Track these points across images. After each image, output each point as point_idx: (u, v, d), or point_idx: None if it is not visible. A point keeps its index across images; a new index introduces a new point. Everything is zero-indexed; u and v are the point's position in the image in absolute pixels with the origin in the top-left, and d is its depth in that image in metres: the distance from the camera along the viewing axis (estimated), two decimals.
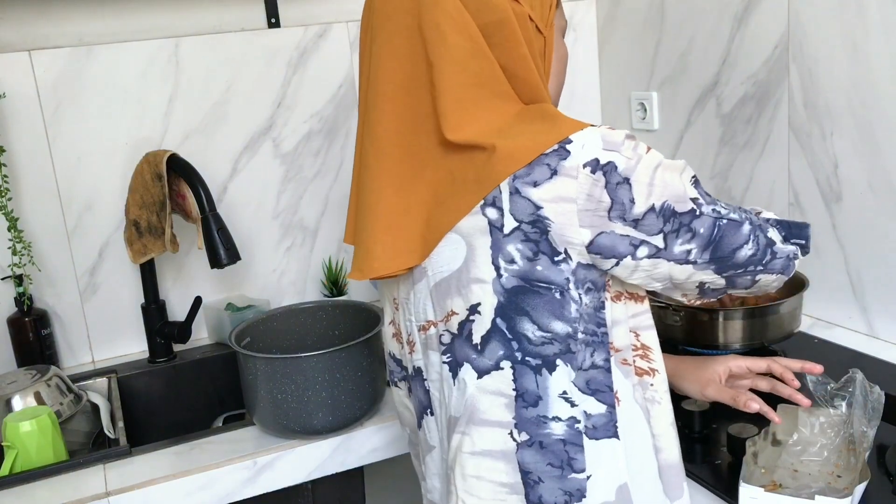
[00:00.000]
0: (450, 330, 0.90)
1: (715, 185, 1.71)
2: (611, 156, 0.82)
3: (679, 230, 0.86)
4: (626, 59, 1.93)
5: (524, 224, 0.83)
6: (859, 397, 1.05)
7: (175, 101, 1.67)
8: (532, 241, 0.84)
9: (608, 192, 0.82)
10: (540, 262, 0.84)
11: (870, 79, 1.33)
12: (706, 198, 0.89)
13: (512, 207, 0.83)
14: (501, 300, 0.86)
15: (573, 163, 0.81)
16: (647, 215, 0.84)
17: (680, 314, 1.28)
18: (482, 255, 0.86)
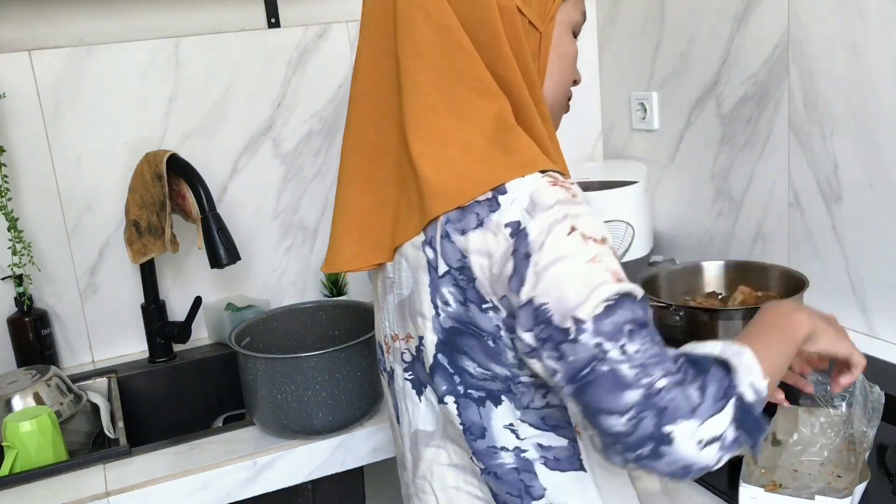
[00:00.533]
0: (410, 350, 0.90)
1: (715, 186, 1.71)
2: (528, 221, 0.76)
3: (546, 341, 0.76)
4: (626, 59, 1.93)
5: (453, 269, 0.81)
6: (859, 397, 1.05)
7: (175, 101, 1.67)
8: (461, 288, 0.81)
9: (514, 260, 0.76)
10: (470, 309, 0.82)
11: (870, 79, 1.33)
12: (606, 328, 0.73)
13: (443, 251, 0.81)
14: (441, 338, 0.84)
15: (498, 219, 0.78)
16: (524, 308, 0.76)
17: (680, 314, 1.28)
18: (424, 291, 0.84)
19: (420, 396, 0.92)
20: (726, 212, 1.69)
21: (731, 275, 1.46)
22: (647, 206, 1.82)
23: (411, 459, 0.96)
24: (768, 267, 1.42)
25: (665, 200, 1.88)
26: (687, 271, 1.49)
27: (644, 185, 1.80)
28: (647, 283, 1.40)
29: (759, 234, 1.62)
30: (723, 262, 1.48)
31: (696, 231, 1.79)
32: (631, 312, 0.75)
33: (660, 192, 1.89)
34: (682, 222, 1.84)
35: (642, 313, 0.76)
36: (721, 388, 0.75)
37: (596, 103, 2.06)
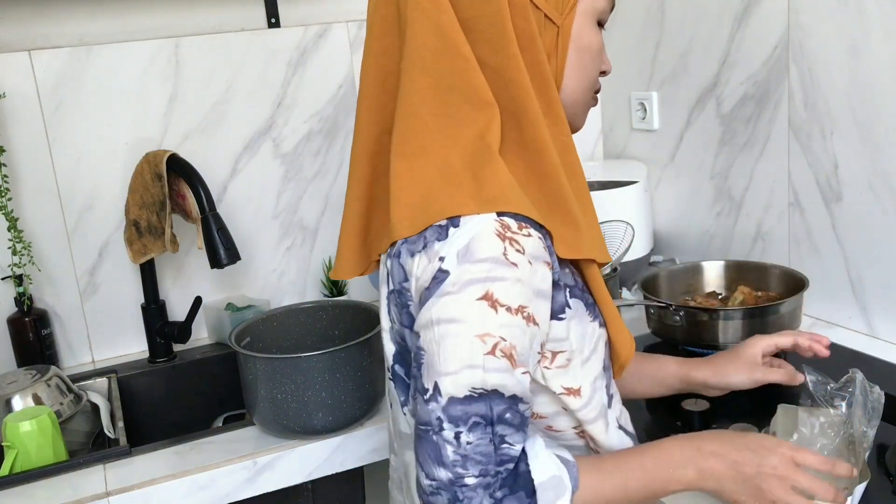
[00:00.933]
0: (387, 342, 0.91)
1: (715, 186, 1.71)
2: (453, 265, 0.74)
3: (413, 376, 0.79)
4: (626, 59, 1.93)
5: (395, 290, 0.81)
6: (859, 397, 1.05)
7: (175, 101, 1.67)
8: (400, 309, 0.81)
9: (427, 291, 0.76)
10: (406, 333, 0.82)
11: (870, 79, 1.33)
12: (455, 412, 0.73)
13: (391, 269, 0.81)
14: (396, 349, 0.86)
15: (439, 248, 0.76)
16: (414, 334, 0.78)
17: (680, 314, 1.28)
18: (383, 302, 0.86)
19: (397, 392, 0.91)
20: (726, 212, 1.69)
21: (731, 275, 1.46)
22: (647, 206, 1.82)
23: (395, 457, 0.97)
24: (768, 267, 1.42)
25: (665, 200, 1.88)
26: (687, 271, 1.49)
27: (644, 185, 1.80)
28: (647, 283, 1.40)
29: (759, 234, 1.62)
30: (723, 262, 1.48)
31: (696, 231, 1.79)
32: (486, 408, 0.74)
33: (660, 192, 1.89)
34: (682, 222, 1.84)
35: (500, 410, 0.74)
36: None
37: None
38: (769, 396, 1.25)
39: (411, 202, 0.79)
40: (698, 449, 0.81)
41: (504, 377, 0.74)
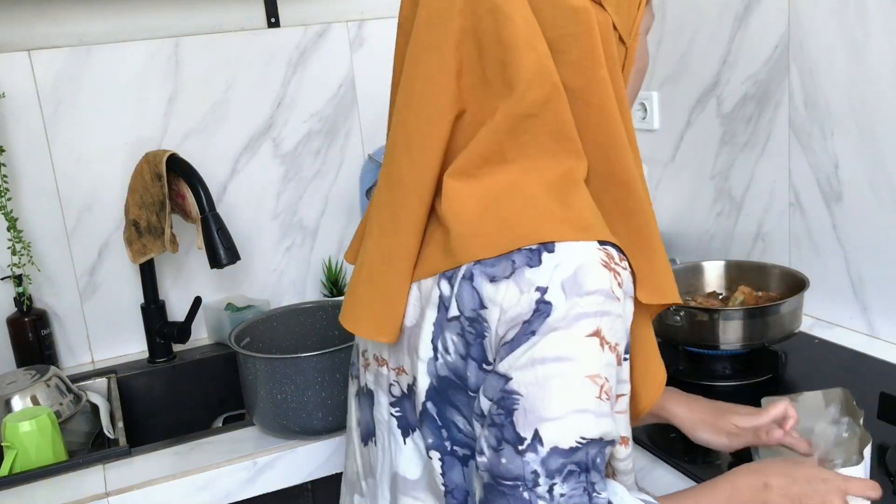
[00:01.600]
0: (400, 385, 0.81)
1: (715, 186, 1.71)
2: (559, 298, 0.67)
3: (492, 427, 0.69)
4: None
5: (464, 317, 0.72)
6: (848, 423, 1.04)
7: (175, 101, 1.67)
8: (466, 340, 0.72)
9: (520, 329, 0.68)
10: (469, 366, 0.72)
11: (870, 78, 1.32)
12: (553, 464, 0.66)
13: (459, 292, 0.72)
14: (434, 384, 0.75)
15: (532, 276, 0.68)
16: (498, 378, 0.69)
17: (680, 314, 1.28)
18: (426, 328, 0.75)
19: (406, 438, 0.81)
20: (726, 212, 1.69)
21: (731, 275, 1.46)
22: None
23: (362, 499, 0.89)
24: (768, 267, 1.42)
25: (665, 200, 1.88)
26: (687, 271, 1.49)
27: None
28: None
29: (759, 234, 1.61)
30: (723, 262, 1.48)
31: (697, 231, 1.79)
32: (585, 455, 0.68)
33: (660, 192, 1.89)
34: (682, 222, 1.84)
35: (593, 455, 0.68)
36: None
37: None
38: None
39: (483, 221, 0.71)
40: (766, 486, 0.81)
41: (610, 423, 0.69)
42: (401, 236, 0.76)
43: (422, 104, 0.75)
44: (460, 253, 0.72)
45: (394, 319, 0.77)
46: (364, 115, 1.83)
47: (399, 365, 0.80)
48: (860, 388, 1.23)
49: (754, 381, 1.28)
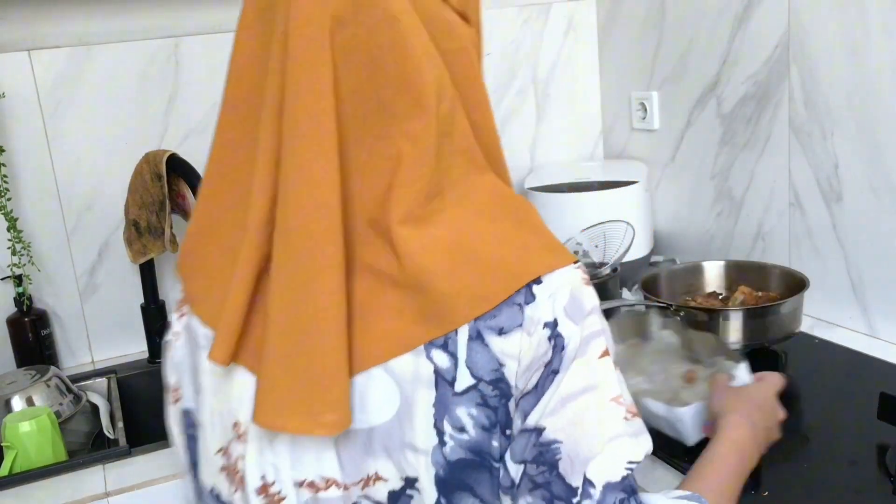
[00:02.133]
0: (372, 498, 0.66)
1: (715, 186, 1.71)
2: (568, 327, 0.62)
3: (538, 488, 0.62)
4: (626, 59, 1.93)
5: (483, 383, 0.62)
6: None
7: (175, 101, 1.67)
8: (490, 408, 0.63)
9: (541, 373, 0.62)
10: (495, 435, 0.63)
11: (870, 78, 1.32)
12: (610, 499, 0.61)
13: (469, 358, 0.62)
14: (441, 474, 0.64)
15: (533, 314, 0.62)
16: (527, 434, 0.63)
17: (680, 314, 1.28)
18: (422, 414, 0.63)
19: None
20: (726, 212, 1.69)
21: (731, 275, 1.46)
22: (647, 206, 1.82)
23: None
24: (768, 267, 1.42)
25: (665, 200, 1.88)
26: (687, 271, 1.49)
27: (644, 185, 1.80)
28: (648, 283, 1.40)
29: (759, 234, 1.61)
30: (723, 262, 1.48)
31: (697, 231, 1.79)
32: (632, 479, 0.64)
33: (660, 192, 1.89)
34: (683, 222, 1.84)
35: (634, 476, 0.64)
36: None
37: (596, 103, 2.06)
38: None
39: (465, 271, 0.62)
40: (753, 426, 0.89)
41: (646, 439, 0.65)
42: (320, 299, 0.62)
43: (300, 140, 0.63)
44: (454, 314, 0.62)
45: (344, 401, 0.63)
46: None
47: (365, 475, 0.66)
48: (860, 388, 1.24)
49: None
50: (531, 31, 1.95)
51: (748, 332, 1.26)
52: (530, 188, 1.81)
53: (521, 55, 1.95)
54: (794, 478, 1.02)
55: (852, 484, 0.99)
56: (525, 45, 1.95)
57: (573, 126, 2.05)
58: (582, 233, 1.66)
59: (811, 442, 1.12)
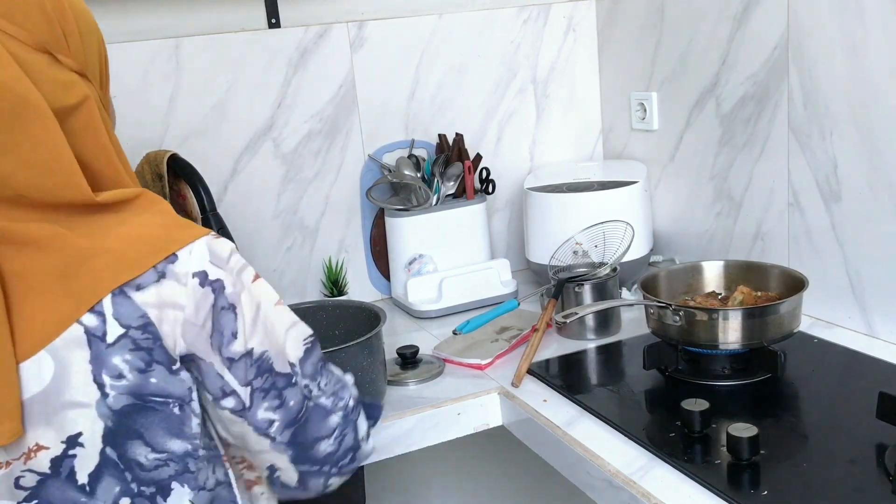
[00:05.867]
0: (35, 470, 0.72)
1: (715, 186, 1.71)
2: (217, 272, 0.75)
3: (268, 391, 0.78)
4: (626, 59, 1.93)
5: (132, 329, 0.72)
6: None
7: (175, 101, 1.67)
8: (144, 350, 0.72)
9: (213, 315, 0.75)
10: (154, 374, 0.73)
11: (870, 79, 1.33)
12: (308, 369, 0.80)
13: (116, 311, 0.71)
14: (110, 425, 0.72)
15: (181, 269, 0.74)
16: (241, 360, 0.76)
17: (679, 314, 1.28)
18: (80, 372, 0.71)
19: None
20: (726, 212, 1.69)
21: (730, 275, 1.46)
22: (646, 206, 1.82)
23: None
24: (768, 267, 1.43)
25: (665, 200, 1.88)
26: (687, 271, 1.49)
27: (644, 185, 1.80)
28: (647, 283, 1.41)
29: (758, 234, 1.62)
30: (722, 262, 1.48)
31: (696, 231, 1.80)
32: (316, 349, 0.83)
33: (660, 192, 1.89)
34: (682, 222, 1.84)
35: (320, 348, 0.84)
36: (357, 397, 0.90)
37: (596, 103, 2.06)
38: (769, 396, 1.25)
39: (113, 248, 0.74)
40: None
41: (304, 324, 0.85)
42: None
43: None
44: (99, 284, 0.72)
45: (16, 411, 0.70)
46: (364, 115, 1.83)
47: (26, 448, 0.72)
48: (859, 387, 1.24)
49: (753, 380, 1.28)
50: (531, 31, 1.96)
51: (747, 331, 1.26)
52: (529, 188, 1.82)
53: (521, 55, 1.96)
54: (794, 478, 1.02)
55: (852, 483, 1.00)
56: (525, 45, 1.96)
57: (573, 126, 2.06)
58: (582, 233, 1.66)
59: (810, 441, 1.12)
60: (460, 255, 1.82)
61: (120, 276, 0.72)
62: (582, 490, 1.17)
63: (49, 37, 0.76)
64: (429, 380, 1.42)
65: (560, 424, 1.22)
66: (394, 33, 1.83)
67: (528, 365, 1.39)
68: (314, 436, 0.82)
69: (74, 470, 0.73)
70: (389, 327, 1.68)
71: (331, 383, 0.84)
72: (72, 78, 0.78)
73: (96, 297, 0.71)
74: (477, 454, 1.90)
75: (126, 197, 0.78)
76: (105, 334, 0.72)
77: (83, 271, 0.72)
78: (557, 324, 1.54)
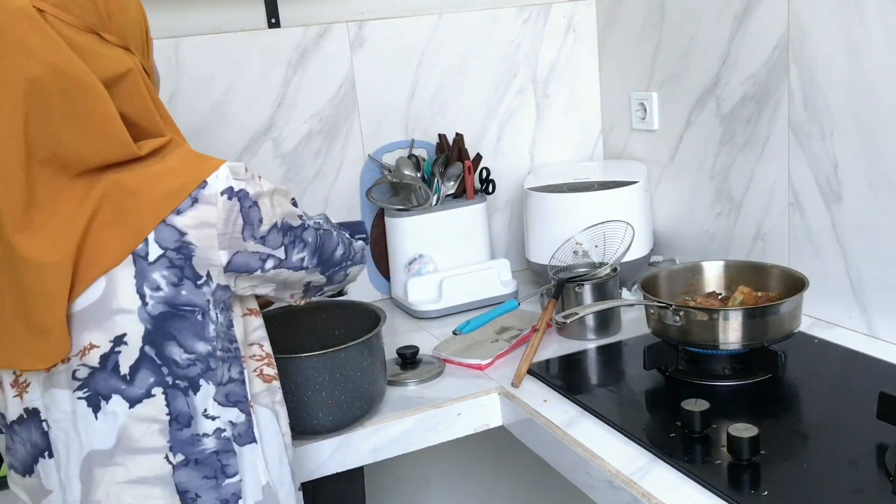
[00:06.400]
0: (88, 364, 0.90)
1: (715, 186, 1.71)
2: (240, 184, 0.93)
3: (294, 241, 1.01)
4: (626, 59, 1.93)
5: (169, 251, 0.89)
6: None
7: (175, 101, 1.67)
8: (177, 267, 0.90)
9: (242, 214, 0.93)
10: (184, 287, 0.90)
11: (870, 79, 1.33)
12: (306, 214, 1.04)
13: (157, 235, 0.89)
14: (149, 328, 0.90)
15: (211, 191, 0.90)
16: (271, 232, 0.97)
17: (680, 314, 1.28)
18: (125, 285, 0.88)
19: (97, 413, 0.91)
20: (726, 212, 1.69)
21: (730, 275, 1.46)
22: (647, 206, 1.82)
23: (81, 489, 0.93)
24: (768, 267, 1.43)
25: (665, 200, 1.88)
26: (687, 271, 1.49)
27: (644, 185, 1.80)
28: (647, 283, 1.41)
29: (758, 234, 1.62)
30: (723, 262, 1.48)
31: (696, 231, 1.79)
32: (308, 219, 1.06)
33: (660, 192, 1.89)
34: (682, 222, 1.84)
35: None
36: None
37: (596, 103, 2.06)
38: (769, 396, 1.25)
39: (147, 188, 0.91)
40: None
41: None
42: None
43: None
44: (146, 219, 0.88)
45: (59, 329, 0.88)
46: (364, 115, 1.83)
47: (82, 346, 0.90)
48: (859, 387, 1.24)
49: (754, 380, 1.28)
50: (531, 31, 1.96)
51: (747, 331, 1.26)
52: (530, 188, 1.82)
53: (521, 55, 1.96)
54: (794, 478, 1.02)
55: (852, 484, 1.00)
56: (525, 45, 1.96)
57: (573, 126, 2.06)
58: (582, 233, 1.66)
59: (811, 441, 1.12)
60: (460, 255, 1.81)
61: (164, 209, 0.88)
62: (582, 490, 1.17)
63: (95, 18, 0.91)
64: (429, 380, 1.42)
65: (560, 425, 1.22)
66: (394, 33, 1.83)
67: (529, 365, 1.39)
68: (330, 250, 1.07)
69: (118, 364, 0.90)
70: (389, 327, 1.68)
71: (316, 217, 1.08)
72: (117, 53, 0.92)
73: (147, 230, 0.88)
74: (477, 454, 1.90)
75: (160, 144, 0.94)
76: (147, 255, 0.88)
77: (135, 208, 0.88)
78: (557, 324, 1.54)
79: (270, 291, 1.05)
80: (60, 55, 0.86)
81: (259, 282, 1.00)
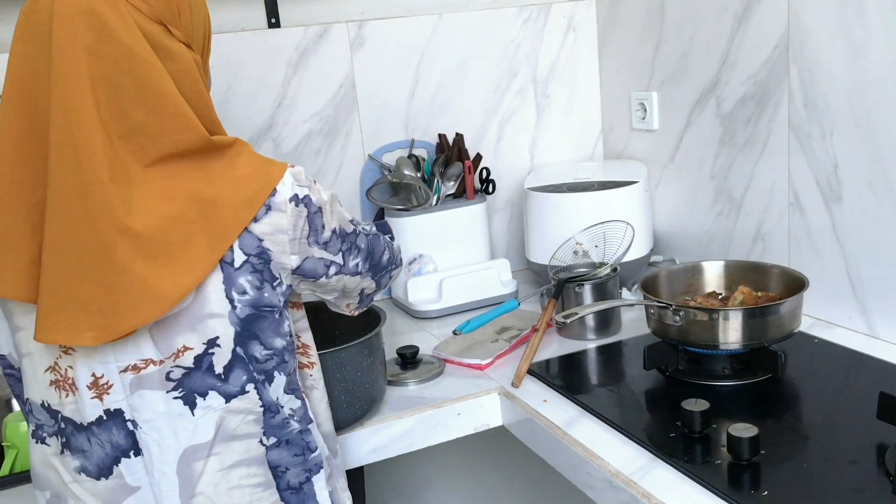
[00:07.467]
0: (182, 365, 0.93)
1: (715, 186, 1.71)
2: (304, 191, 0.96)
3: (350, 248, 1.04)
4: (626, 59, 1.93)
5: (252, 257, 0.93)
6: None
7: None
8: (258, 272, 0.94)
9: (308, 220, 0.97)
10: (265, 290, 0.95)
11: (870, 79, 1.33)
12: (355, 219, 1.07)
13: (240, 242, 0.93)
14: (238, 329, 0.94)
15: (281, 199, 0.94)
16: (332, 238, 1.01)
17: (680, 314, 1.28)
18: (215, 290, 0.92)
19: (194, 410, 0.94)
20: (726, 212, 1.69)
21: (730, 275, 1.46)
22: (647, 206, 1.82)
23: (179, 483, 0.96)
24: (768, 267, 1.43)
25: (665, 200, 1.88)
26: (687, 271, 1.49)
27: (644, 185, 1.80)
28: (647, 283, 1.41)
29: (759, 234, 1.62)
30: (723, 262, 1.48)
31: (696, 231, 1.79)
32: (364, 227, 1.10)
33: (660, 192, 1.89)
34: (682, 222, 1.84)
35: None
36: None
37: (596, 103, 2.06)
38: (769, 396, 1.25)
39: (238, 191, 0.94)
40: None
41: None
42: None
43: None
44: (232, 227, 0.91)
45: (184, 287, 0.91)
46: (364, 115, 1.83)
47: (175, 349, 0.92)
48: (859, 387, 1.24)
49: (754, 380, 1.28)
50: (531, 30, 1.96)
51: (748, 331, 1.26)
52: (530, 188, 1.82)
53: (521, 55, 1.96)
54: (794, 477, 1.02)
55: (852, 483, 1.00)
56: (525, 45, 1.96)
57: (573, 126, 2.06)
58: (582, 233, 1.66)
59: (811, 441, 1.12)
60: (460, 255, 1.81)
61: (244, 218, 0.92)
62: (582, 490, 1.17)
63: (166, 11, 0.93)
64: (429, 380, 1.42)
65: (560, 424, 1.22)
66: (394, 33, 1.83)
67: (529, 365, 1.39)
68: (378, 254, 1.11)
69: (213, 364, 0.94)
70: (389, 327, 1.68)
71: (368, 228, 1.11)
72: (180, 48, 0.94)
73: (231, 238, 0.91)
74: (477, 454, 1.90)
75: (229, 141, 0.96)
76: (233, 261, 0.92)
77: (218, 215, 0.91)
78: (558, 324, 1.54)
79: (332, 299, 1.11)
80: (136, 40, 0.89)
81: (322, 290, 1.06)
